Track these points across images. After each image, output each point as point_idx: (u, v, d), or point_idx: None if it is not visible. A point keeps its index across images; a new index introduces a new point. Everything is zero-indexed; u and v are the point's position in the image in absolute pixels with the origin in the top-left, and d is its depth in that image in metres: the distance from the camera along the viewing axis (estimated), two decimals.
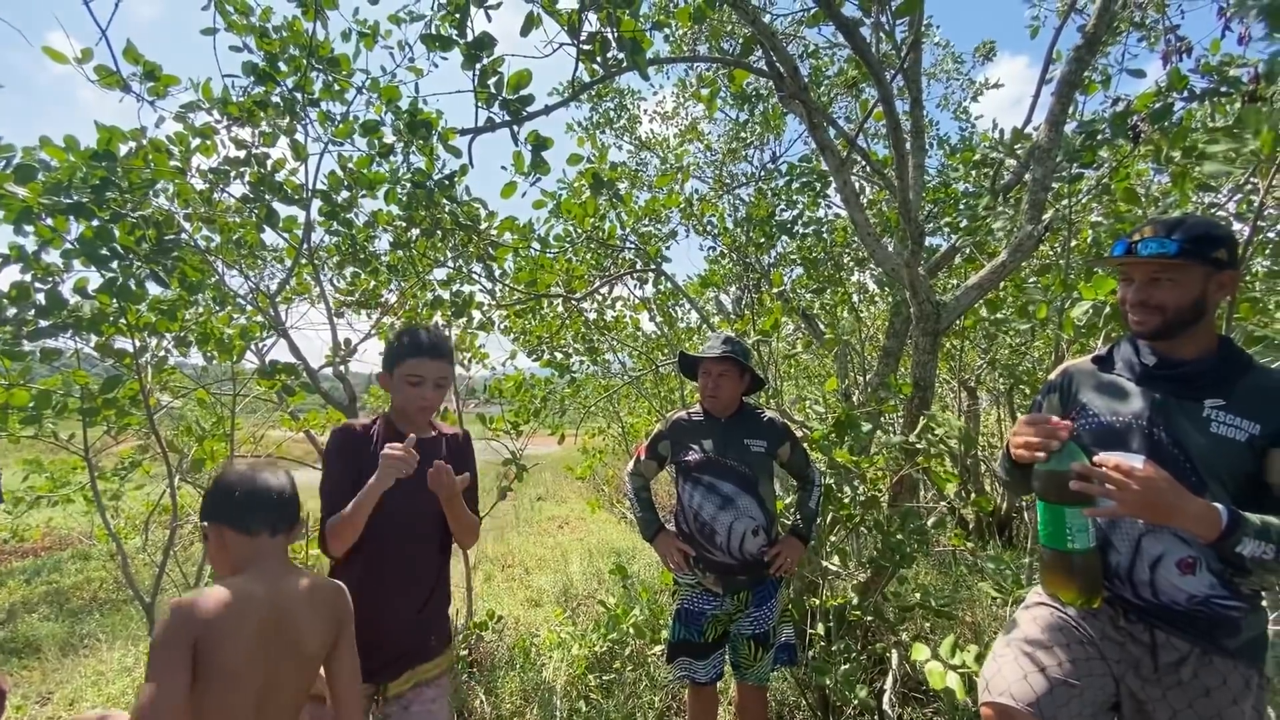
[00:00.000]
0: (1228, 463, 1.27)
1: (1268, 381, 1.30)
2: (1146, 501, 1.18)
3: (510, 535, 7.34)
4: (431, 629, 1.74)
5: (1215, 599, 1.30)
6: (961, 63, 6.77)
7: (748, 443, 2.29)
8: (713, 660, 2.35)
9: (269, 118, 2.66)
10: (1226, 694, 1.30)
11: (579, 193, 3.40)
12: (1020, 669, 1.39)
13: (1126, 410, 1.39)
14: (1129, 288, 1.39)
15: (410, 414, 1.70)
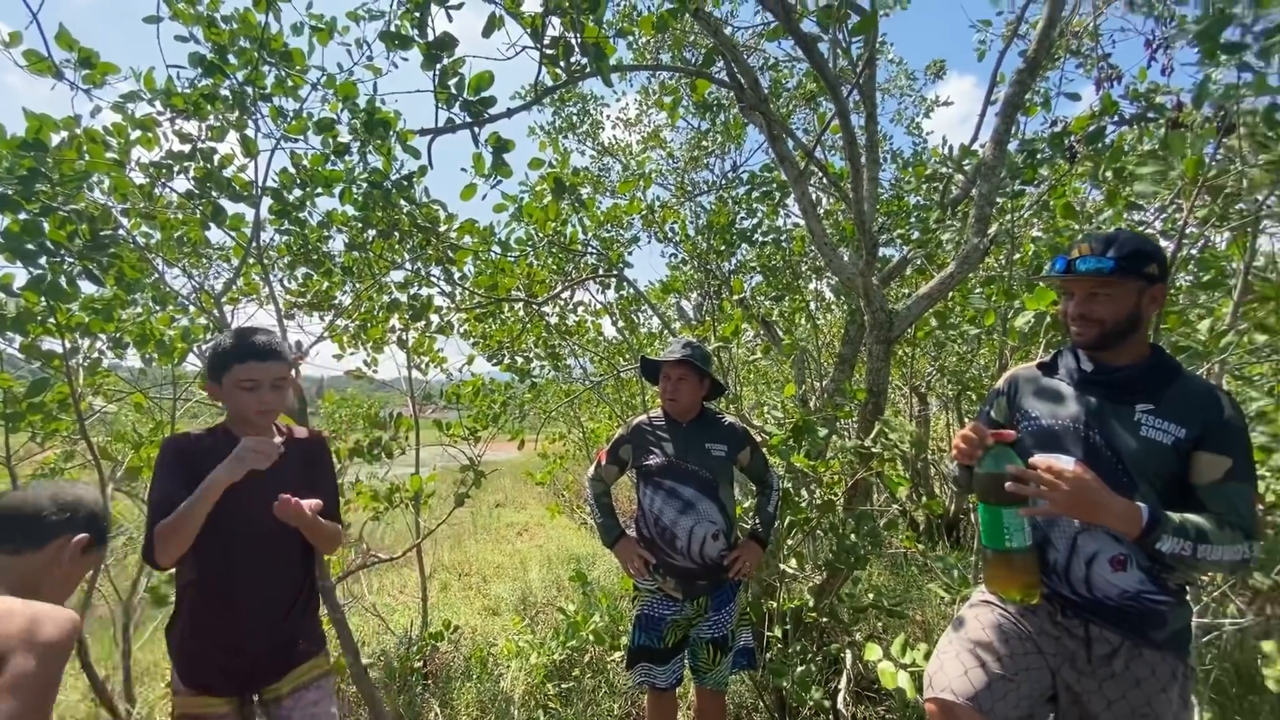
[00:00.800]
0: (1156, 463, 1.35)
1: (1193, 388, 1.39)
2: (1075, 501, 1.25)
3: (468, 543, 7.20)
4: (299, 633, 1.70)
5: (1145, 594, 1.38)
6: (914, 80, 7.01)
7: (708, 447, 2.31)
8: (672, 665, 2.36)
9: (217, 111, 2.56)
10: (1155, 684, 1.38)
11: (540, 196, 3.38)
12: (962, 665, 1.44)
13: (1065, 413, 1.47)
14: (1070, 302, 1.47)
15: (250, 420, 1.61)
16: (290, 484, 1.57)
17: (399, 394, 4.09)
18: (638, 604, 2.42)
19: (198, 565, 1.55)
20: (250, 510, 1.53)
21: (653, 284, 5.77)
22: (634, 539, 2.40)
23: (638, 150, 6.32)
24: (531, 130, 6.79)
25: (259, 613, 1.62)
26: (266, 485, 1.51)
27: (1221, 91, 2.17)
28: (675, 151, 6.38)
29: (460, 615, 4.52)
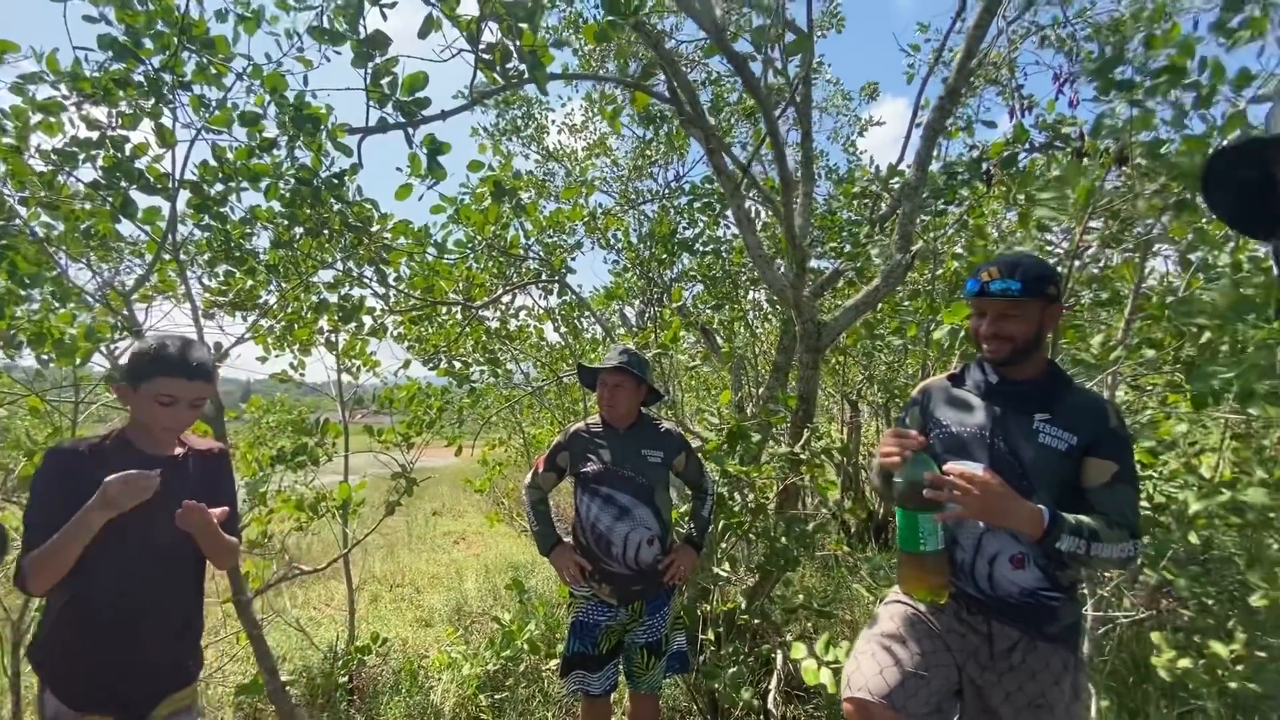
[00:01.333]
0: (1051, 468, 1.46)
1: (1083, 400, 1.51)
2: (984, 505, 1.33)
3: (401, 552, 6.98)
4: (189, 654, 1.64)
5: (1041, 591, 1.48)
6: (850, 100, 7.32)
7: (645, 453, 2.34)
8: (606, 672, 2.37)
9: (130, 98, 2.41)
10: (1049, 675, 1.48)
11: (480, 199, 3.34)
12: (877, 664, 1.51)
13: (972, 422, 1.57)
14: (982, 321, 1.56)
15: (155, 434, 1.55)
16: (188, 496, 1.48)
17: (329, 399, 3.93)
18: (573, 611, 2.42)
19: (81, 581, 1.44)
20: (142, 523, 1.44)
21: (597, 290, 5.79)
22: (570, 546, 2.40)
23: (583, 156, 6.33)
24: (474, 131, 6.70)
25: (150, 631, 1.54)
26: (162, 497, 1.42)
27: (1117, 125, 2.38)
28: (620, 159, 6.42)
29: (390, 628, 4.37)
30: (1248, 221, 1.04)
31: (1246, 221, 1.04)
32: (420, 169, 2.40)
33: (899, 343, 3.15)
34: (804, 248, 2.66)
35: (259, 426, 3.88)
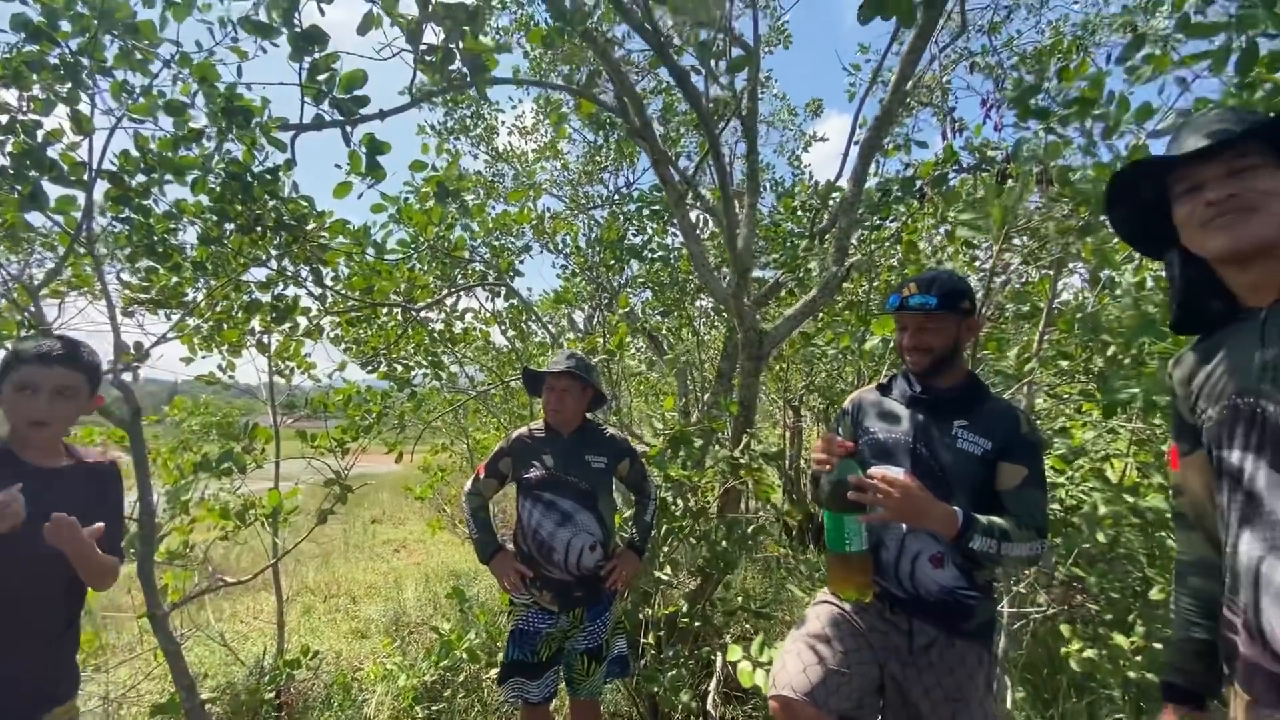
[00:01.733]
0: (968, 472, 1.56)
1: (998, 408, 1.62)
2: (904, 507, 1.41)
3: (337, 562, 6.74)
4: (63, 673, 1.57)
5: (958, 589, 1.56)
6: (795, 115, 7.54)
7: (589, 459, 2.33)
8: (546, 679, 2.35)
9: (44, 81, 2.26)
10: (964, 670, 1.57)
11: (424, 198, 3.28)
12: (801, 662, 1.57)
13: (898, 429, 1.65)
14: (904, 334, 1.66)
15: (23, 434, 1.46)
16: (67, 510, 1.38)
17: (261, 402, 3.77)
18: (512, 619, 2.39)
19: None
20: (9, 546, 1.34)
21: (546, 293, 5.75)
22: (510, 553, 2.38)
23: (532, 159, 6.29)
24: (421, 129, 6.57)
25: (17, 648, 1.45)
26: (36, 510, 1.33)
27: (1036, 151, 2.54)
28: (570, 164, 6.42)
29: (323, 640, 4.22)
30: (1143, 239, 1.15)
31: (1142, 239, 1.15)
32: (360, 167, 2.34)
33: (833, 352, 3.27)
34: (745, 258, 2.72)
35: (182, 430, 3.68)
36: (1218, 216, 0.96)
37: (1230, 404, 1.02)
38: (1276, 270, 0.98)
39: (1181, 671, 1.15)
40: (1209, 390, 1.07)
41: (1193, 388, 1.11)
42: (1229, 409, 1.02)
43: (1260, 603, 0.94)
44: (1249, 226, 0.95)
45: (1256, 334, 0.99)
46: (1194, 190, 1.00)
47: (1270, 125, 0.93)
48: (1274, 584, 0.92)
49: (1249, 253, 0.97)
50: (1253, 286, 1.01)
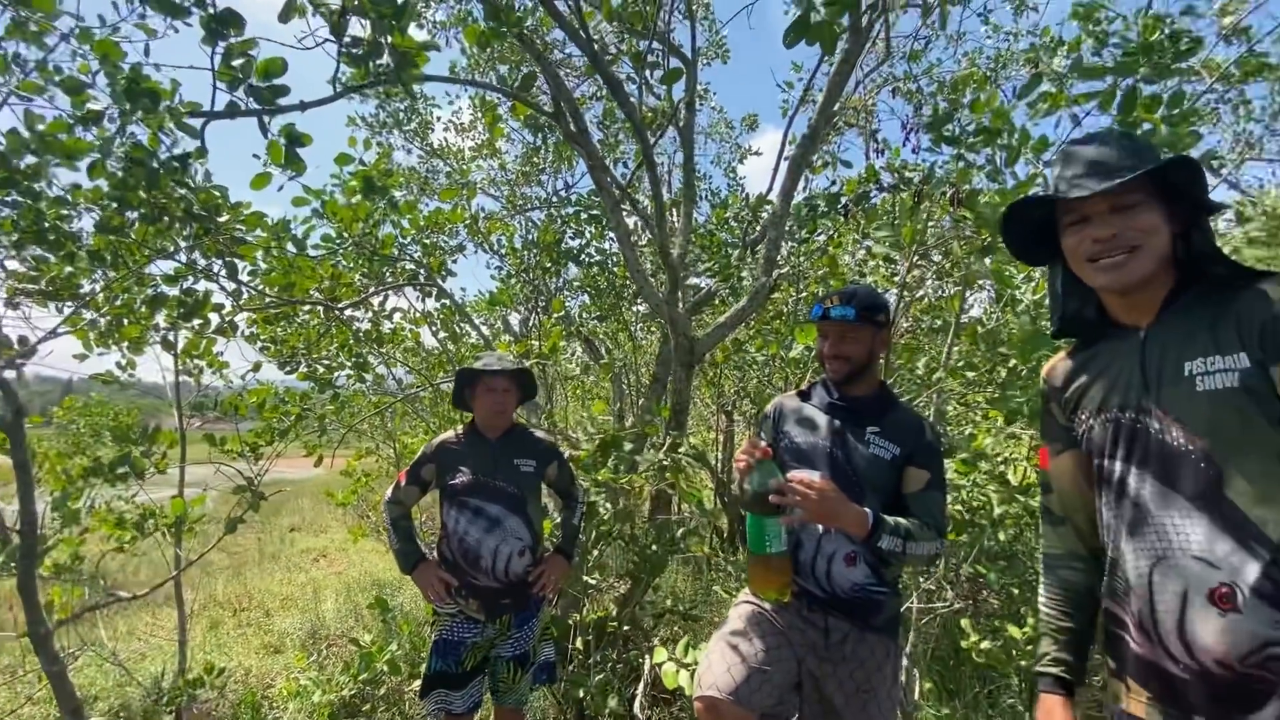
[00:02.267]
0: (879, 475, 1.65)
1: (906, 416, 1.72)
2: (819, 508, 1.48)
3: (251, 573, 6.37)
4: None
5: (869, 586, 1.65)
6: (732, 128, 7.73)
7: (518, 463, 2.30)
8: (470, 690, 2.29)
9: None
10: (874, 663, 1.66)
11: (350, 193, 3.16)
12: (725, 662, 1.61)
13: (816, 435, 1.73)
14: (825, 343, 1.74)
15: None
16: None
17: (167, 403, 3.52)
18: (436, 629, 2.32)
19: None
20: None
21: (481, 294, 5.65)
22: (434, 563, 2.31)
23: (469, 157, 6.17)
24: (351, 120, 6.34)
25: None
26: None
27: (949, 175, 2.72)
28: (508, 164, 6.34)
29: (232, 656, 3.98)
30: (1030, 254, 1.23)
31: (1029, 254, 1.24)
32: (280, 158, 2.24)
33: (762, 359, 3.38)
34: (677, 265, 2.77)
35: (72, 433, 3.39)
36: (1104, 255, 1.04)
37: (1113, 418, 1.09)
38: (1153, 296, 1.07)
39: (1056, 662, 1.22)
40: (1089, 401, 1.14)
41: (1069, 395, 1.19)
42: (1112, 422, 1.09)
43: (1156, 608, 1.00)
44: (1131, 268, 1.02)
45: (1137, 352, 1.07)
46: (1081, 222, 1.07)
47: (1152, 171, 0.99)
48: (1167, 590, 0.99)
49: (1131, 289, 1.06)
50: (1130, 307, 1.10)
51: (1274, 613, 0.91)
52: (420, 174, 6.37)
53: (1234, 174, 3.93)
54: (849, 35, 2.90)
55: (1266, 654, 0.91)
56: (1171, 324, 1.05)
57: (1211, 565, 0.95)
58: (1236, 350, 0.95)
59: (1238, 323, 0.96)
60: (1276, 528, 0.91)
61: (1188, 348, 1.00)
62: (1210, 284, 1.04)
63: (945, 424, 3.84)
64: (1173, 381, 1.01)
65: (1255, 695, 0.92)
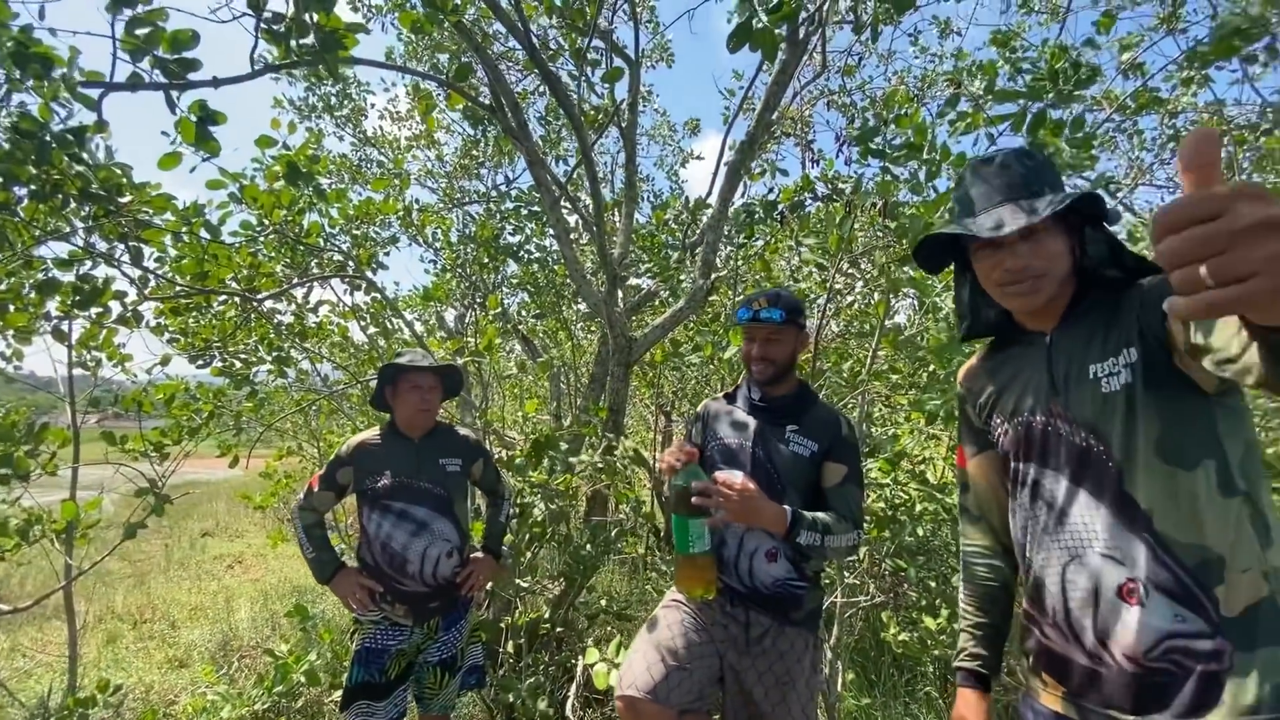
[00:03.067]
0: (799, 472, 1.70)
1: (824, 413, 1.78)
2: (741, 508, 1.52)
3: (155, 582, 5.93)
4: None
5: (789, 581, 1.70)
6: (675, 132, 7.81)
7: (443, 462, 2.23)
8: (394, 699, 2.19)
9: None
10: (794, 655, 1.70)
11: (272, 178, 2.98)
12: (645, 661, 1.63)
13: (742, 435, 1.77)
14: (752, 344, 1.77)
15: None
16: None
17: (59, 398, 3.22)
18: (358, 638, 2.21)
19: None
20: None
21: (416, 289, 5.47)
22: (353, 570, 2.20)
23: (404, 146, 5.97)
24: (277, 102, 6.02)
25: None
26: None
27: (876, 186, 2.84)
28: (446, 155, 6.17)
29: (130, 672, 3.69)
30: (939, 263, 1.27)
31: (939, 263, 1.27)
32: (191, 136, 2.09)
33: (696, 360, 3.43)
34: (615, 265, 2.77)
35: None
36: (1014, 284, 1.08)
37: (1025, 421, 1.13)
38: (1057, 305, 1.12)
39: (974, 656, 1.26)
40: (1003, 406, 1.18)
41: (983, 400, 1.23)
42: (1024, 426, 1.13)
43: (1069, 605, 1.04)
44: (1038, 294, 1.08)
45: (1044, 357, 1.12)
46: (991, 247, 1.10)
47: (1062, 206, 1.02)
48: (1079, 587, 1.02)
49: (1038, 311, 1.12)
50: (1035, 317, 1.15)
51: (1174, 606, 0.94)
52: (352, 162, 6.12)
53: (1128, 198, 4.29)
54: (787, 46, 2.98)
55: (1167, 646, 0.94)
56: (1074, 328, 1.09)
57: (1118, 562, 0.98)
58: (1129, 346, 0.99)
59: (1124, 320, 1.01)
60: (1170, 521, 0.95)
61: (1090, 350, 1.05)
62: (1107, 287, 1.08)
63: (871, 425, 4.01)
64: (1078, 384, 1.05)
65: (1162, 688, 0.95)
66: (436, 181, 6.37)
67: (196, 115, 1.74)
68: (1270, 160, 3.62)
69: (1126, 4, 3.76)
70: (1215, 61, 2.08)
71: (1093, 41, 2.44)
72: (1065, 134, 2.13)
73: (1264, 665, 0.90)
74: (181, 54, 1.60)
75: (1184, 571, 0.94)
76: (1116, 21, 2.97)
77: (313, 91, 6.18)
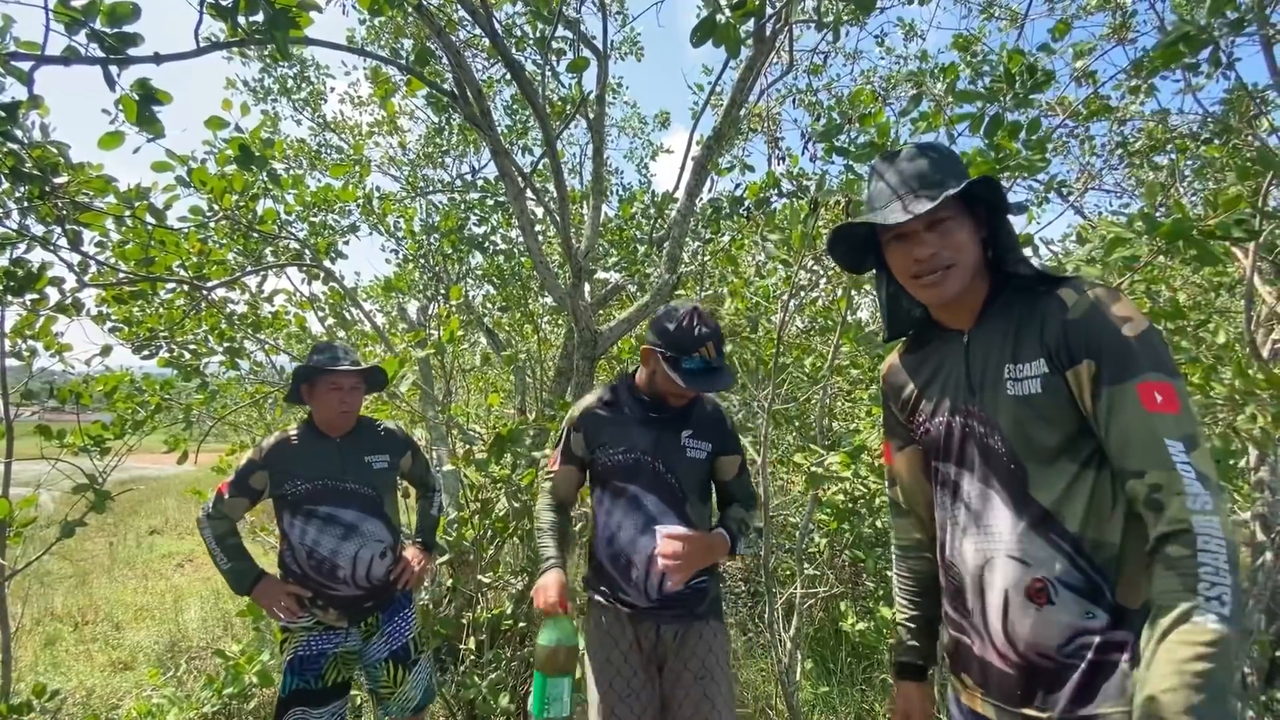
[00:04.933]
0: (698, 476, 1.76)
1: (710, 410, 1.80)
2: (694, 562, 1.56)
3: (99, 582, 5.69)
4: None
5: (694, 580, 1.71)
6: (645, 125, 7.79)
7: (369, 460, 2.15)
8: (333, 707, 2.09)
9: None
10: (705, 646, 1.73)
11: (224, 161, 2.86)
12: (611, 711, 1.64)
13: (636, 447, 1.72)
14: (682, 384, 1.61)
15: None
16: None
17: None
18: (289, 647, 2.08)
19: None
20: None
21: (377, 279, 5.34)
22: (275, 577, 2.09)
23: (365, 133, 5.82)
24: (230, 83, 5.80)
25: None
26: None
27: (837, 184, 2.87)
28: (409, 143, 6.04)
29: (70, 676, 3.53)
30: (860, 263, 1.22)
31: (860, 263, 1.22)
32: (134, 116, 1.99)
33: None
34: (580, 258, 2.75)
35: None
36: (925, 274, 1.07)
37: (945, 421, 1.12)
38: (972, 302, 1.11)
39: (910, 649, 1.28)
40: (925, 404, 1.17)
41: (905, 397, 1.22)
42: (944, 425, 1.12)
43: (986, 607, 1.04)
44: (948, 284, 1.06)
45: (961, 356, 1.11)
46: (899, 239, 1.09)
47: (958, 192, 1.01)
48: (994, 589, 1.02)
49: (950, 302, 1.10)
50: (953, 314, 1.14)
51: (1084, 603, 0.95)
52: (310, 147, 5.93)
53: (1078, 201, 4.44)
54: (754, 43, 2.99)
55: (1080, 643, 0.95)
56: (989, 327, 1.09)
57: (1024, 563, 0.99)
58: (1037, 356, 1.00)
59: (1040, 329, 1.00)
60: (1074, 520, 0.96)
61: (1004, 351, 1.05)
62: (1020, 286, 1.08)
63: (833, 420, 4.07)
64: (993, 385, 1.05)
65: (1075, 681, 0.96)
66: (400, 169, 6.23)
67: (139, 94, 1.65)
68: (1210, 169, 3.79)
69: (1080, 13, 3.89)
70: (1161, 70, 2.16)
71: (1048, 47, 2.52)
72: (1021, 136, 2.19)
73: None
74: (121, 28, 1.52)
75: (1090, 567, 0.96)
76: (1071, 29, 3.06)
77: (269, 73, 5.96)
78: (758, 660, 3.47)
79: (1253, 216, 1.43)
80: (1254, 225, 1.42)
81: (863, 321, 3.92)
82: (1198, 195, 3.79)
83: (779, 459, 3.55)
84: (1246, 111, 2.69)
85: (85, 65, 1.50)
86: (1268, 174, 1.73)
